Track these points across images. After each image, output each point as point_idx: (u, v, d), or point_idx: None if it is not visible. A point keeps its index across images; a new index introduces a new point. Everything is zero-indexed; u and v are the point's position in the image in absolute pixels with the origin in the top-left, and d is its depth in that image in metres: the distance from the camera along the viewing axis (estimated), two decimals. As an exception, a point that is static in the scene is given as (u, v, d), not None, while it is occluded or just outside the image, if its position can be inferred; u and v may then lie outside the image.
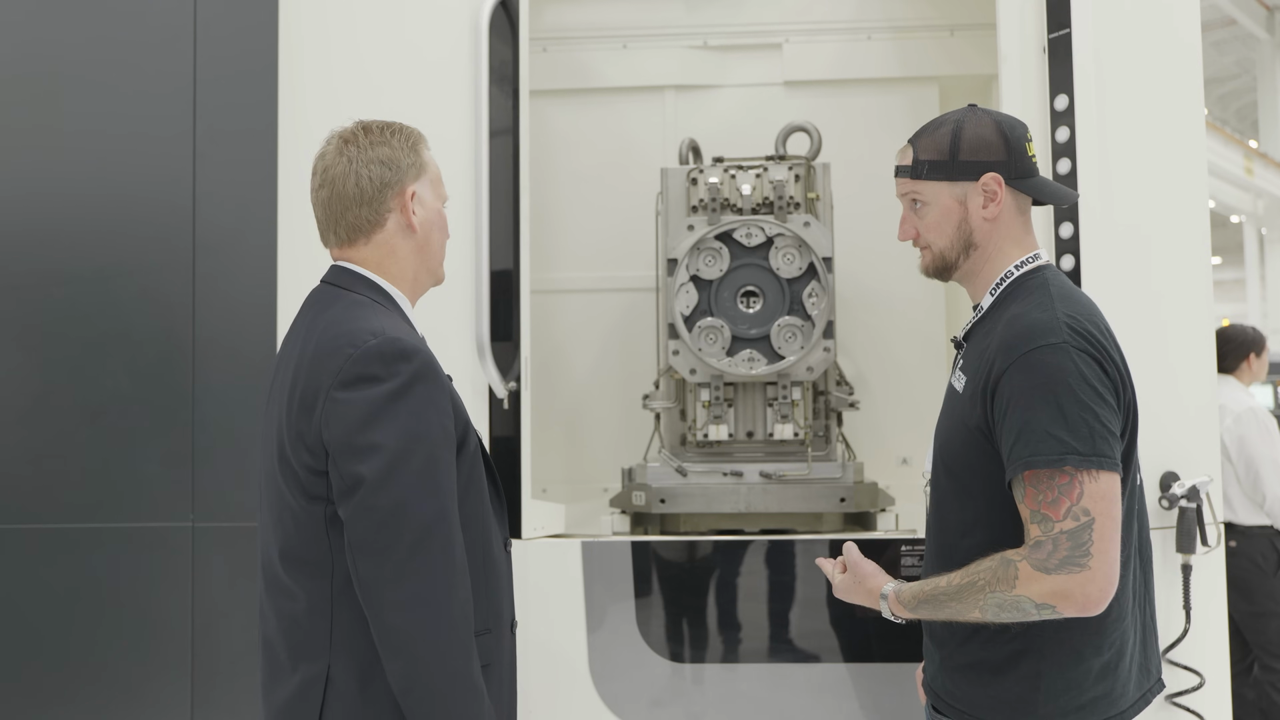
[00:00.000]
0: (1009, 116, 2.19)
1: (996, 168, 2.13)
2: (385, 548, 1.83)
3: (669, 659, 3.05)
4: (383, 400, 1.86)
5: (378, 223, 2.04)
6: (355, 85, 3.16)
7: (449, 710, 1.83)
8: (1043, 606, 1.92)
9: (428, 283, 2.16)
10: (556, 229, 4.09)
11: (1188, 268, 3.18)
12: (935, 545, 2.18)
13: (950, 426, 2.14)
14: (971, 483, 2.07)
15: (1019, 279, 2.15)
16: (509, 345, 3.09)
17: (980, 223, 2.15)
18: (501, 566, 2.08)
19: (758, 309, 3.35)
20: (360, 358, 1.88)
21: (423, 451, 1.86)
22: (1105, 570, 1.90)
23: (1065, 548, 1.91)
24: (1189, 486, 3.08)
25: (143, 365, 3.42)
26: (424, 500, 1.85)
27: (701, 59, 4.11)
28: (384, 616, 1.83)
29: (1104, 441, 1.93)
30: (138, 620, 3.41)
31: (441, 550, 1.85)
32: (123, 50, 3.44)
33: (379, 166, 2.03)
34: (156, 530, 3.42)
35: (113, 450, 3.41)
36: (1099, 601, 1.91)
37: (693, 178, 3.44)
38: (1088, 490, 1.91)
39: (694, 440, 3.39)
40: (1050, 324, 1.99)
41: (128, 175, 3.43)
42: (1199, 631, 3.07)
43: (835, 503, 3.25)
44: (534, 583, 3.06)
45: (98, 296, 3.42)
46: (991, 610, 1.96)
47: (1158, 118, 3.17)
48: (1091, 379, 1.95)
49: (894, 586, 2.15)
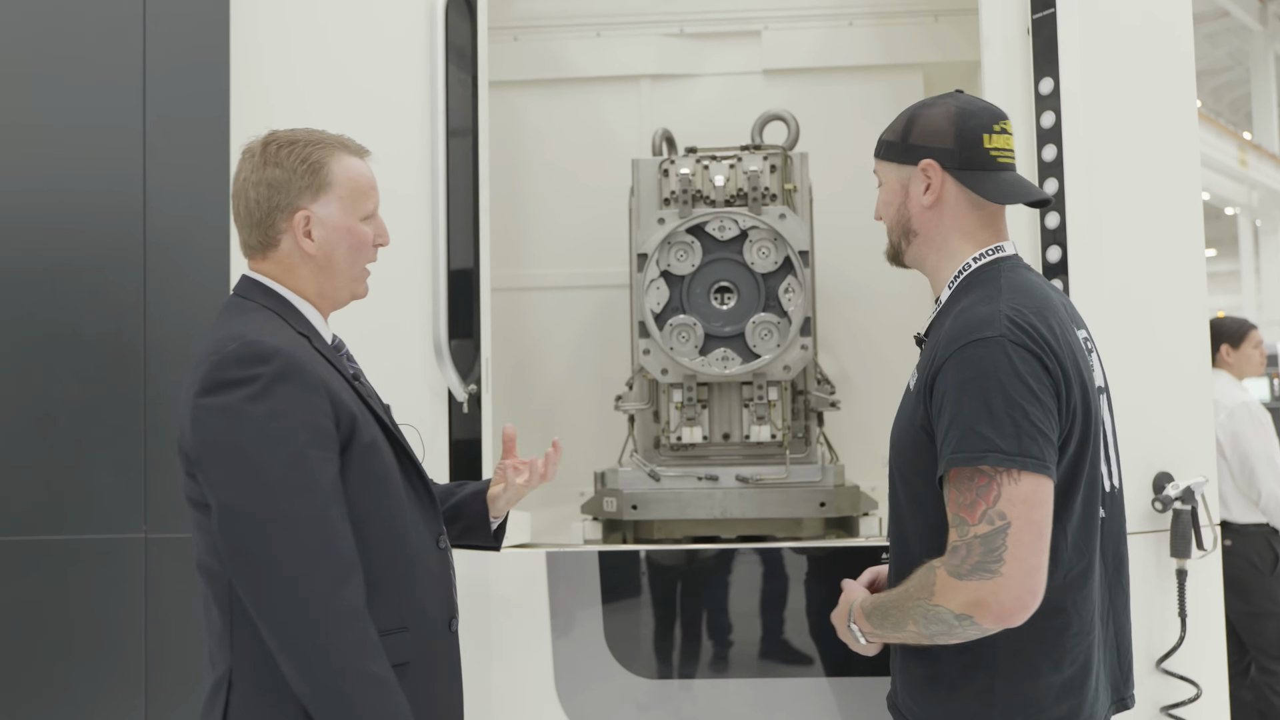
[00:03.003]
0: (982, 106, 2.11)
1: (937, 155, 2.05)
2: (254, 557, 1.82)
3: (639, 674, 2.91)
4: (240, 404, 1.84)
5: (271, 242, 2.03)
6: (308, 75, 3.04)
7: (351, 706, 1.80)
8: (961, 618, 1.82)
9: (342, 298, 2.11)
10: (528, 224, 3.96)
11: (1180, 258, 3.05)
12: (894, 553, 2.08)
13: (900, 428, 2.07)
14: (920, 486, 1.98)
15: (975, 272, 2.05)
16: (469, 345, 2.96)
17: (919, 210, 2.08)
18: (427, 563, 2.04)
19: (732, 305, 3.20)
20: (219, 363, 1.88)
21: (285, 452, 1.83)
22: (1020, 578, 1.79)
23: (978, 552, 1.81)
24: (1183, 488, 2.96)
25: (92, 369, 3.29)
26: (291, 502, 1.82)
27: (678, 47, 3.97)
28: (265, 621, 1.81)
29: (1031, 441, 1.82)
30: (89, 635, 3.27)
31: (315, 550, 1.82)
32: (69, 41, 3.30)
33: (266, 189, 2.00)
34: (108, 542, 3.28)
35: (61, 459, 3.28)
36: (1015, 611, 1.80)
37: (664, 169, 3.29)
38: (1006, 493, 1.80)
39: (668, 443, 3.25)
40: (990, 317, 1.90)
41: (75, 170, 3.30)
42: (1195, 639, 2.94)
43: (815, 507, 3.11)
44: (498, 594, 2.92)
45: (44, 297, 3.29)
46: (921, 622, 1.87)
47: (1148, 101, 3.05)
48: (1025, 374, 1.84)
49: (862, 598, 2.06)
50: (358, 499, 1.93)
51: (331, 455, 1.89)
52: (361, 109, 2.97)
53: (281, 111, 2.78)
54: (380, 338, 2.92)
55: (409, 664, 1.95)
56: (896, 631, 1.95)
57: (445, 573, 2.10)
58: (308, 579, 1.81)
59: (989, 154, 2.05)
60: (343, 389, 1.96)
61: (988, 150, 2.05)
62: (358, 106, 2.98)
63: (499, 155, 3.86)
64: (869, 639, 2.04)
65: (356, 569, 1.87)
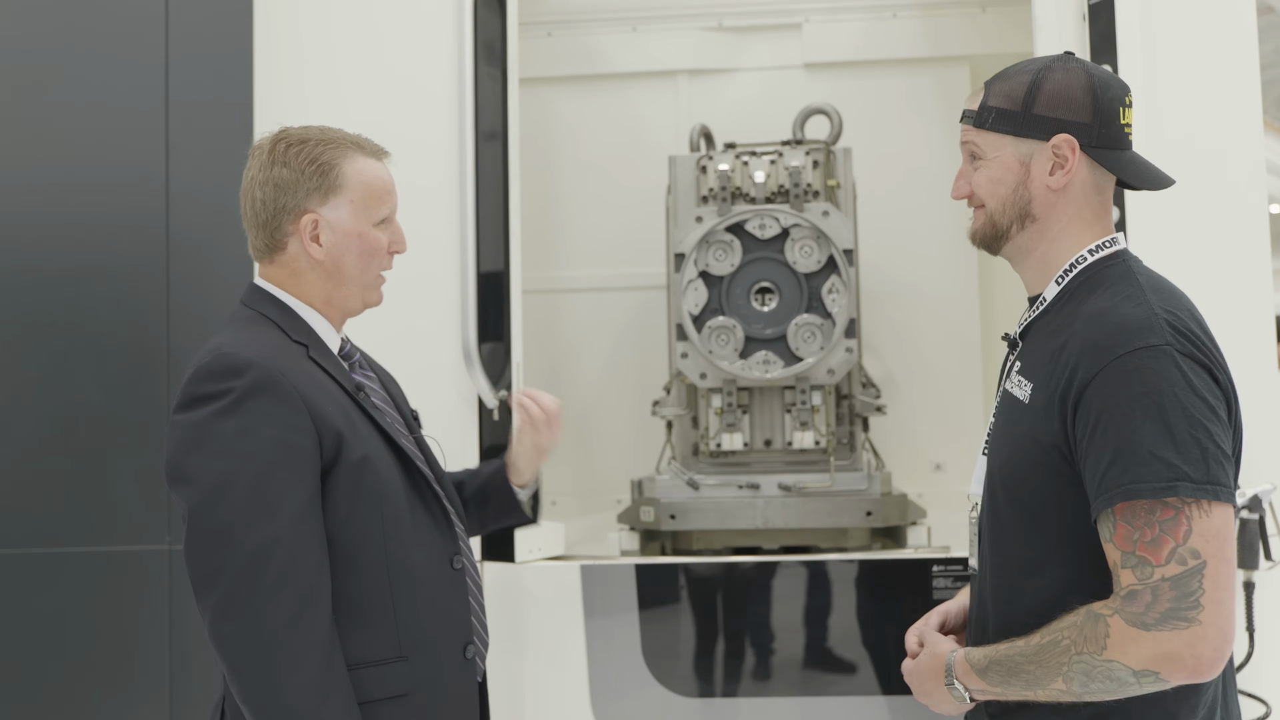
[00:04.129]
0: (1111, 74, 1.84)
1: (1074, 130, 1.77)
2: (211, 580, 1.72)
3: (677, 692, 2.79)
4: (208, 420, 1.76)
5: (277, 246, 1.93)
6: (332, 77, 2.96)
7: None
8: (1143, 674, 1.57)
9: (353, 306, 1.99)
10: (563, 224, 3.85)
11: (1244, 256, 2.90)
12: (994, 585, 1.81)
13: (1014, 443, 1.77)
14: (1043, 511, 1.72)
15: (1094, 266, 1.79)
16: (500, 349, 2.85)
17: (1043, 191, 1.80)
18: (434, 586, 1.91)
19: (773, 307, 3.07)
20: (194, 377, 1.80)
21: (251, 472, 1.73)
22: (1220, 625, 1.56)
23: (1168, 598, 1.56)
24: (1250, 496, 2.80)
25: (115, 376, 3.20)
26: (253, 526, 1.71)
27: (716, 41, 3.86)
28: (216, 648, 1.71)
29: (1219, 466, 1.59)
30: (113, 647, 3.19)
31: (276, 578, 1.71)
32: (92, 40, 3.22)
33: (272, 189, 1.90)
34: (131, 554, 3.19)
35: (83, 468, 3.18)
36: (1214, 663, 1.57)
37: (702, 165, 3.17)
38: (1198, 527, 1.57)
39: (707, 450, 3.13)
40: (1148, 321, 1.65)
41: (97, 171, 3.21)
42: (1265, 655, 2.78)
43: (861, 516, 2.97)
44: (531, 610, 2.81)
45: (66, 301, 3.20)
46: (1079, 679, 1.61)
47: (1211, 90, 2.89)
48: (1201, 389, 1.61)
49: (962, 651, 1.79)
50: (346, 519, 1.82)
51: (303, 475, 1.77)
52: (387, 110, 2.87)
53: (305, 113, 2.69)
54: (408, 342, 2.81)
55: (408, 695, 1.83)
56: (1030, 689, 1.67)
57: (460, 595, 1.96)
58: (259, 610, 1.70)
59: (1123, 131, 1.81)
60: (333, 403, 1.84)
61: (1123, 127, 1.81)
62: (383, 107, 2.89)
63: (532, 153, 3.76)
64: (977, 698, 1.77)
65: (320, 599, 1.75)
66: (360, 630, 1.81)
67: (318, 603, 1.75)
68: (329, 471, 1.81)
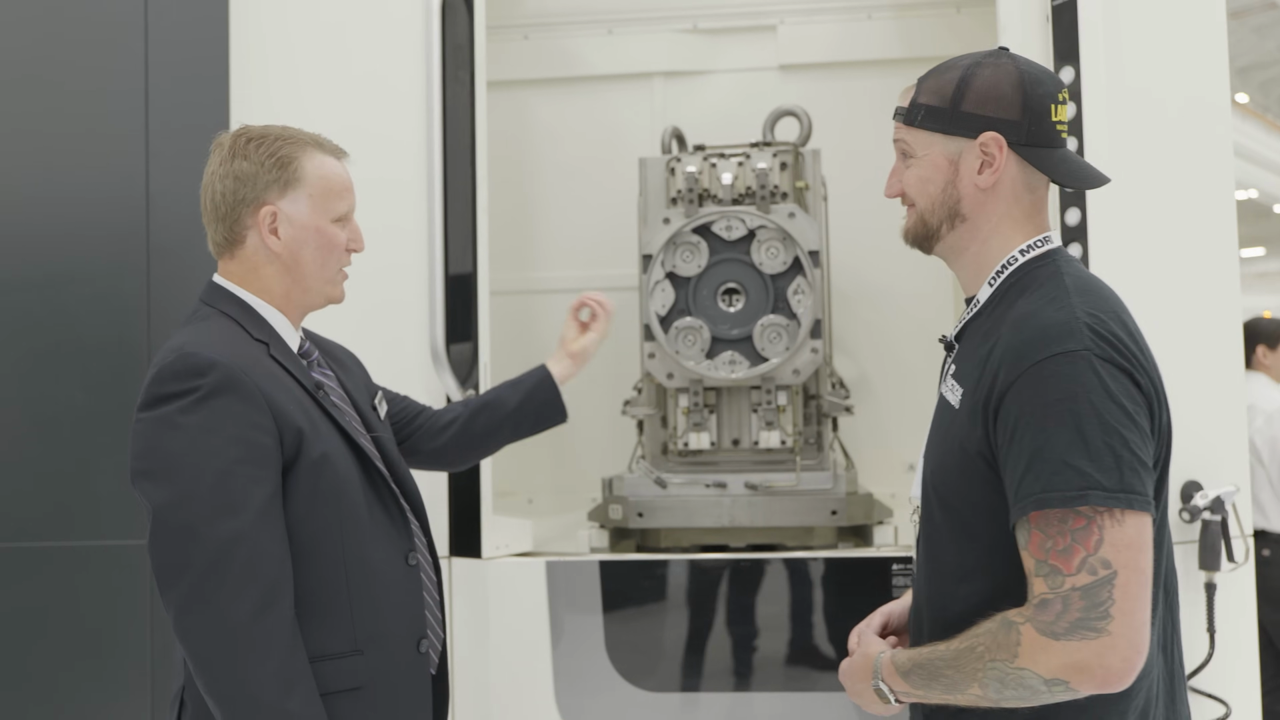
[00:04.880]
0: (1044, 70, 1.80)
1: (1002, 127, 1.73)
2: (176, 574, 1.76)
3: (640, 687, 2.83)
4: (172, 418, 1.80)
5: (236, 239, 1.98)
6: (307, 78, 3.01)
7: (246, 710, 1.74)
8: (1053, 683, 1.56)
9: (314, 302, 2.04)
10: (540, 226, 3.89)
11: (1212, 257, 2.92)
12: (926, 591, 1.82)
13: (945, 449, 1.76)
14: (972, 519, 1.71)
15: (1025, 267, 1.76)
16: (468, 348, 2.89)
17: (971, 190, 1.76)
18: (389, 582, 1.95)
19: (739, 308, 3.11)
20: (157, 377, 1.84)
21: (213, 467, 1.77)
22: (1130, 636, 1.54)
23: (1078, 608, 1.54)
24: (1213, 497, 2.82)
25: (96, 375, 3.25)
26: (215, 521, 1.76)
27: (691, 43, 3.89)
28: (182, 643, 1.76)
29: (1133, 474, 1.56)
30: (95, 640, 3.24)
31: (241, 572, 1.76)
32: (73, 48, 3.27)
33: (232, 182, 1.95)
34: (113, 549, 3.25)
35: (65, 466, 3.24)
36: (1122, 675, 1.55)
37: (671, 167, 3.21)
38: (1109, 536, 1.54)
39: (675, 449, 3.16)
40: (1068, 325, 1.62)
41: (78, 176, 3.26)
42: (1225, 656, 2.81)
43: (826, 515, 3.00)
44: (496, 605, 2.86)
45: (48, 303, 3.25)
46: (993, 686, 1.60)
47: (1177, 90, 2.91)
48: (1119, 395, 1.59)
49: (890, 651, 1.79)
50: (305, 516, 1.86)
51: (266, 472, 1.82)
52: (357, 113, 2.93)
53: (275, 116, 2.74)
54: (376, 341, 2.85)
55: (362, 688, 1.88)
56: (949, 694, 1.67)
57: (415, 591, 2.00)
58: (225, 604, 1.74)
59: (1055, 128, 1.77)
60: (293, 401, 1.89)
61: (1054, 124, 1.77)
62: (356, 108, 2.94)
63: (510, 155, 3.81)
64: (902, 700, 1.77)
65: (283, 593, 1.79)
66: (318, 624, 1.86)
67: (281, 597, 1.79)
68: (289, 469, 1.86)
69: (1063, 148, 1.80)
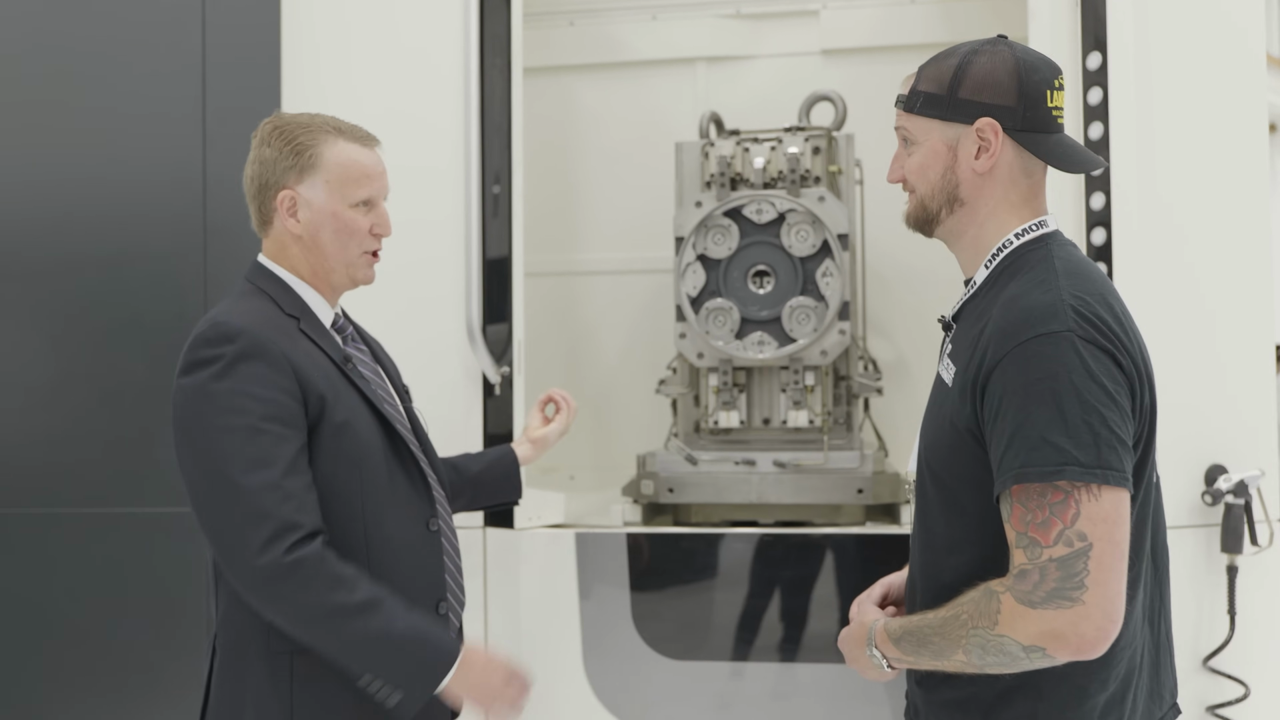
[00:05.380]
0: (1040, 57, 1.85)
1: (997, 113, 1.79)
2: (218, 524, 1.91)
3: (667, 656, 2.92)
4: (205, 383, 1.94)
5: (266, 220, 2.14)
6: (351, 68, 3.13)
7: (349, 641, 1.90)
8: (1031, 650, 1.63)
9: (339, 281, 2.15)
10: (584, 209, 3.98)
11: (1241, 237, 2.92)
12: (920, 561, 1.89)
13: (937, 426, 1.83)
14: (961, 492, 1.78)
15: (1019, 250, 1.82)
16: (504, 329, 3.00)
17: (969, 175, 1.82)
18: (408, 546, 2.07)
19: (769, 290, 3.17)
20: (192, 344, 1.99)
21: (242, 424, 1.90)
22: (1104, 606, 1.61)
23: (1054, 578, 1.61)
24: (1236, 481, 2.84)
25: (156, 351, 3.41)
26: (250, 473, 1.89)
27: (734, 28, 3.94)
28: (244, 591, 1.92)
29: (1111, 451, 1.62)
30: (154, 602, 3.41)
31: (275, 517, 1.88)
32: (131, 30, 3.43)
33: (259, 167, 2.11)
34: (175, 515, 3.41)
35: (128, 436, 3.41)
36: (1096, 643, 1.62)
37: (705, 152, 3.28)
38: (1085, 510, 1.61)
39: (707, 428, 3.25)
40: (1053, 307, 1.68)
41: (138, 159, 3.42)
42: (1245, 638, 2.83)
43: (853, 494, 3.07)
44: (527, 574, 2.97)
45: (111, 282, 3.42)
46: (976, 652, 1.68)
47: (1208, 75, 2.92)
48: (1099, 375, 1.64)
49: (884, 619, 1.86)
50: (327, 479, 1.98)
51: (293, 432, 1.94)
52: (404, 96, 3.05)
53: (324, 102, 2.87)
54: (416, 321, 2.99)
55: None
56: (937, 660, 1.74)
57: (435, 555, 2.11)
58: (266, 544, 1.87)
59: (1051, 114, 1.83)
60: (318, 370, 2.01)
61: (1050, 110, 1.82)
62: (401, 93, 3.06)
63: (554, 140, 3.90)
64: (895, 665, 1.85)
65: (321, 534, 1.93)
66: None
67: (320, 536, 1.92)
68: (312, 431, 1.99)
69: (1059, 133, 1.85)
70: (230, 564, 1.92)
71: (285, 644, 1.96)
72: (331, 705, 1.97)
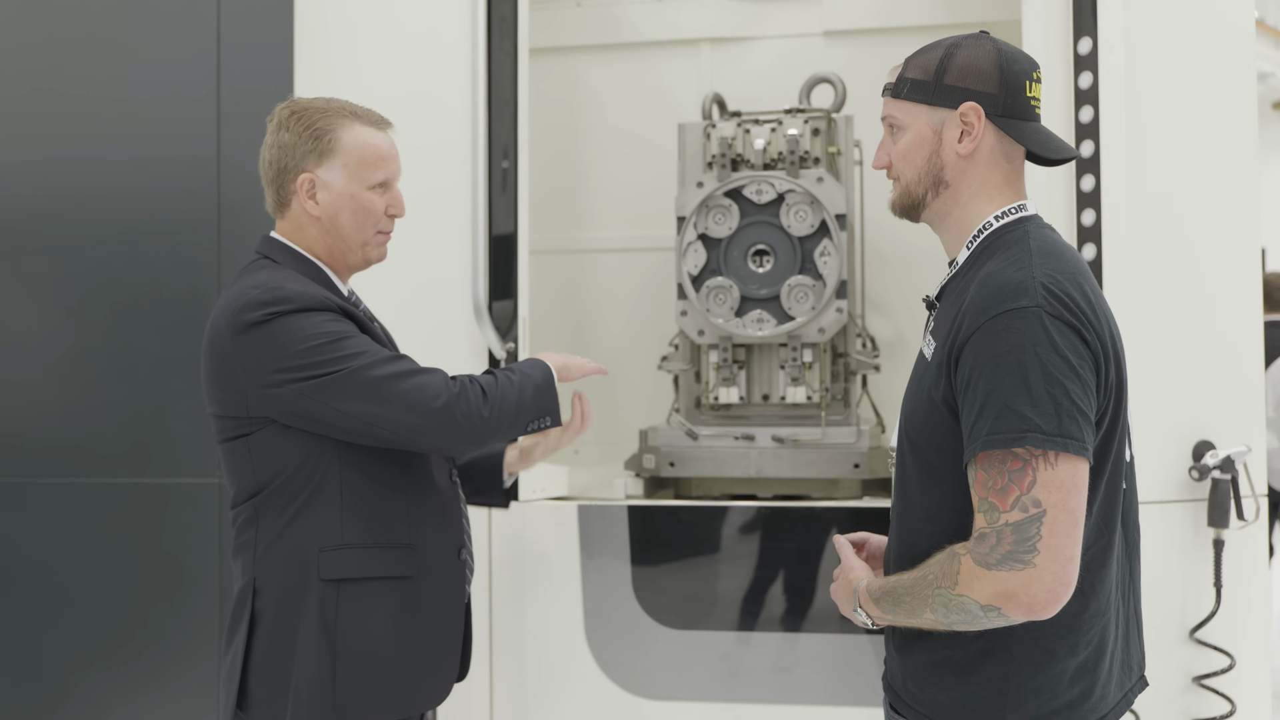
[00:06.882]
0: (1019, 52, 1.95)
1: (980, 99, 1.87)
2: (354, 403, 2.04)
3: (667, 625, 3.01)
4: (274, 325, 2.04)
5: (284, 202, 2.21)
6: (365, 47, 3.19)
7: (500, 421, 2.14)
8: (988, 609, 1.72)
9: (354, 261, 2.24)
10: (589, 188, 4.04)
11: (1229, 217, 2.97)
12: (898, 530, 1.98)
13: (917, 399, 1.92)
14: (938, 462, 1.86)
15: (998, 231, 1.90)
16: (509, 305, 3.07)
17: (953, 158, 1.90)
18: (437, 491, 2.20)
19: (768, 268, 3.24)
20: (244, 307, 2.05)
21: (328, 332, 2.05)
22: (1054, 569, 1.69)
23: (1009, 541, 1.69)
24: (1223, 457, 2.90)
25: (171, 325, 3.50)
26: (355, 358, 2.04)
27: (737, 9, 3.99)
28: (408, 442, 2.11)
29: (1071, 421, 1.70)
30: (168, 569, 3.50)
31: (405, 374, 2.07)
32: (148, 15, 3.50)
33: (278, 151, 2.17)
34: (184, 486, 3.50)
35: (144, 408, 3.50)
36: (1047, 604, 1.70)
37: (707, 133, 3.34)
38: (1042, 478, 1.69)
39: (708, 403, 3.32)
40: (1024, 284, 1.76)
41: (155, 139, 3.50)
42: (1230, 610, 2.90)
43: (849, 468, 3.14)
44: (530, 545, 3.05)
45: (128, 257, 3.50)
46: (941, 610, 1.77)
47: (1197, 59, 2.97)
48: (1064, 349, 1.72)
49: (866, 580, 1.95)
50: None
51: (363, 339, 2.11)
52: (412, 78, 3.11)
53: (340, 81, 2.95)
54: (424, 298, 3.07)
55: (411, 578, 2.12)
56: (910, 618, 1.83)
57: (456, 505, 2.24)
58: (405, 393, 2.04)
59: (1029, 103, 1.92)
60: (357, 324, 2.13)
61: (1029, 99, 1.92)
62: (409, 74, 3.13)
63: (560, 120, 3.96)
64: (878, 623, 1.95)
65: (438, 376, 2.11)
66: (380, 511, 2.11)
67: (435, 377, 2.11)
68: None
69: (1036, 121, 1.94)
70: (422, 427, 2.06)
71: (334, 570, 2.08)
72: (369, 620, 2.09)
